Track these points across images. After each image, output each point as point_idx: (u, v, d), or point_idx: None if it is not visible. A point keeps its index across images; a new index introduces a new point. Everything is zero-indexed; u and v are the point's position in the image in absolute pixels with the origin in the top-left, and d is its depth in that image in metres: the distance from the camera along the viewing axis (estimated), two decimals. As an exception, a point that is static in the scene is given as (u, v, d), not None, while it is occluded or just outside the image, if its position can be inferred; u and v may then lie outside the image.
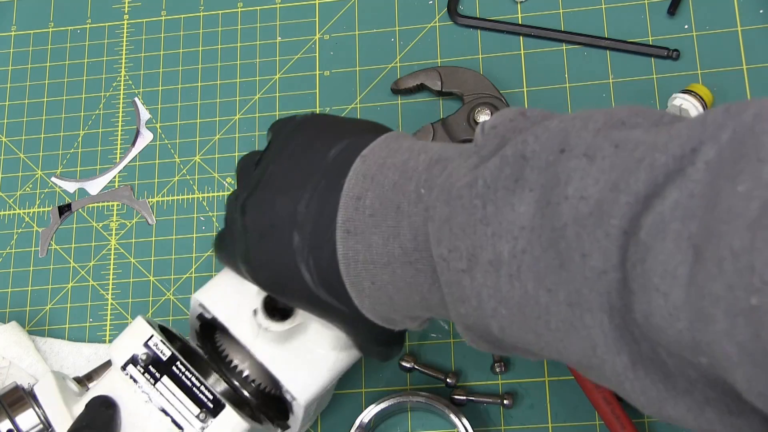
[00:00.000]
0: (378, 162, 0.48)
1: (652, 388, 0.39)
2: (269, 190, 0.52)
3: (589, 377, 0.43)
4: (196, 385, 0.58)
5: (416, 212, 0.45)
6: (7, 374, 0.70)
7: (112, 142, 0.80)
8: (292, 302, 0.54)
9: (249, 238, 0.52)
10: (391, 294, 0.48)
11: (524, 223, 0.40)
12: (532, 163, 0.40)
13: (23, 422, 0.60)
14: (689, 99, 0.70)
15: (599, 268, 0.38)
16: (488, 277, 0.41)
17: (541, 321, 0.41)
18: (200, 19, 0.83)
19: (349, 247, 0.47)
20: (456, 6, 0.79)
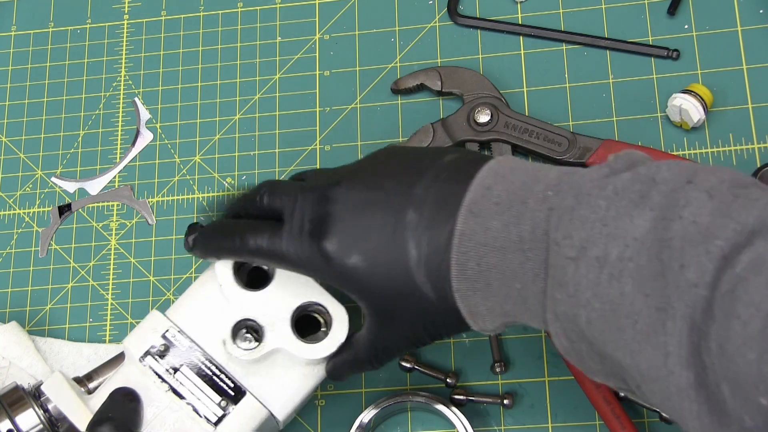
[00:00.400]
0: (510, 165, 0.51)
1: (707, 416, 0.41)
2: (373, 172, 0.54)
3: (648, 393, 0.45)
4: (216, 374, 0.58)
5: (540, 209, 0.48)
6: (7, 374, 0.70)
7: (112, 142, 0.80)
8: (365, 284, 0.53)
9: (339, 210, 0.53)
10: (492, 279, 0.49)
11: (637, 235, 0.44)
12: (660, 187, 0.44)
13: (23, 422, 0.60)
14: (689, 99, 0.70)
15: (692, 280, 0.41)
16: (591, 270, 0.44)
17: (629, 320, 0.43)
18: (200, 19, 0.83)
19: (468, 225, 0.49)
20: (456, 6, 0.79)
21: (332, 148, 0.77)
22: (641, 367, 0.44)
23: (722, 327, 0.40)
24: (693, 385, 0.41)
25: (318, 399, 0.70)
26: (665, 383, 0.43)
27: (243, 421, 0.57)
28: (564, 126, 0.73)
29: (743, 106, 0.72)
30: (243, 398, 0.58)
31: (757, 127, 0.71)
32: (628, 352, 0.44)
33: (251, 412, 0.58)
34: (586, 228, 0.45)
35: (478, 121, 0.73)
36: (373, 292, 0.53)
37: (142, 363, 0.58)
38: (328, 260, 0.53)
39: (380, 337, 0.56)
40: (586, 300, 0.45)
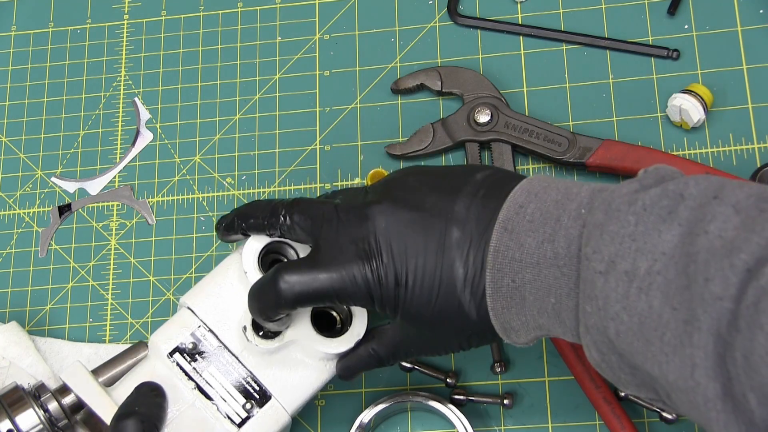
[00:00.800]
0: (542, 184, 0.52)
1: (735, 426, 0.42)
2: (410, 191, 0.55)
3: (677, 402, 0.46)
4: (243, 375, 0.58)
5: (574, 226, 0.49)
6: (6, 374, 0.70)
7: (112, 142, 0.80)
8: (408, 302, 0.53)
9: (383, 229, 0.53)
10: (527, 294, 0.50)
11: (666, 250, 0.45)
12: (688, 203, 0.45)
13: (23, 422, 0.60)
14: (689, 99, 0.70)
15: (717, 293, 0.42)
16: (620, 284, 0.46)
17: (657, 333, 0.44)
18: (200, 19, 0.83)
19: (501, 242, 0.50)
20: (456, 6, 0.79)
21: (332, 148, 0.77)
22: (669, 378, 0.45)
23: (747, 338, 0.40)
24: (720, 396, 0.42)
25: (318, 399, 0.70)
26: (693, 394, 0.43)
27: (266, 424, 0.58)
28: (564, 126, 0.73)
29: (743, 106, 0.72)
30: (268, 402, 0.58)
31: (757, 127, 0.71)
32: (656, 364, 0.45)
33: (275, 416, 0.58)
34: (615, 243, 0.46)
35: (478, 121, 0.73)
36: (418, 310, 0.53)
37: (170, 359, 0.58)
38: (377, 283, 0.53)
39: (407, 343, 0.57)
40: (615, 313, 0.46)
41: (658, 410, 0.65)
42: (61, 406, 0.61)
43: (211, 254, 0.75)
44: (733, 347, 0.41)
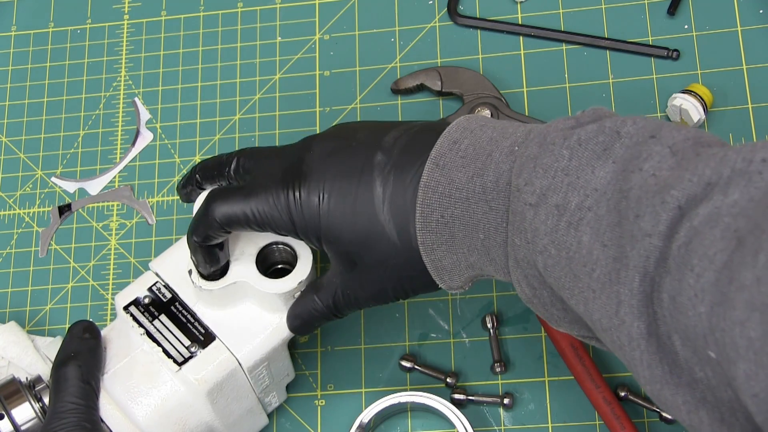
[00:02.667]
0: (479, 123, 0.52)
1: (658, 367, 0.42)
2: (345, 130, 0.56)
3: (604, 341, 0.45)
4: (191, 321, 0.60)
5: (505, 161, 0.49)
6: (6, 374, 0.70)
7: (112, 142, 0.80)
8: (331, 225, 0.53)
9: (312, 156, 0.54)
10: (456, 231, 0.50)
11: (598, 186, 0.44)
12: (624, 141, 0.45)
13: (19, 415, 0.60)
14: (689, 99, 0.70)
15: (646, 230, 0.41)
16: (550, 217, 0.45)
17: (586, 269, 0.44)
18: (200, 19, 0.83)
19: (432, 177, 0.50)
20: (456, 6, 0.79)
21: (332, 148, 0.77)
22: (594, 317, 0.44)
23: (675, 278, 0.40)
24: (644, 335, 0.42)
25: (318, 399, 0.70)
26: (617, 333, 0.43)
27: (209, 364, 0.58)
28: (564, 126, 0.73)
29: (743, 106, 0.72)
30: (212, 343, 0.59)
31: (757, 127, 0.71)
32: (582, 300, 0.45)
33: (218, 356, 0.59)
34: (548, 176, 0.46)
35: (478, 121, 0.73)
36: (338, 232, 0.53)
37: (126, 312, 0.61)
38: (297, 202, 0.54)
39: (342, 284, 0.56)
40: (544, 246, 0.46)
41: (659, 410, 0.65)
42: None
43: (211, 254, 0.75)
44: (661, 287, 0.41)
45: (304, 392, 0.70)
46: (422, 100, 0.77)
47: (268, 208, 0.54)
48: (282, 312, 0.60)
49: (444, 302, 0.71)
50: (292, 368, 0.66)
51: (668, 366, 0.41)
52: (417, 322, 0.71)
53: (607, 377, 0.66)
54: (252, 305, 0.61)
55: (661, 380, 0.42)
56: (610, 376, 0.67)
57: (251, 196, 0.54)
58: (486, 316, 0.69)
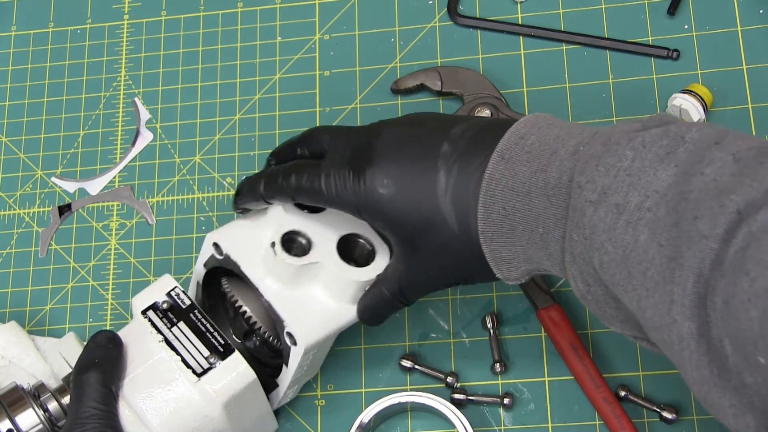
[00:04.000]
0: (548, 121, 0.53)
1: (707, 368, 0.42)
2: (411, 119, 0.57)
3: (654, 340, 0.46)
4: (210, 331, 0.60)
5: (569, 159, 0.49)
6: (6, 374, 0.70)
7: (112, 142, 0.80)
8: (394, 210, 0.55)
9: (382, 142, 0.56)
10: (516, 224, 0.51)
11: (659, 188, 0.45)
12: (688, 145, 0.45)
13: (23, 422, 0.60)
14: (689, 99, 0.70)
15: (704, 232, 0.42)
16: (609, 215, 0.46)
17: (641, 267, 0.44)
18: (200, 19, 0.83)
19: (497, 170, 0.51)
20: (456, 6, 0.79)
21: (332, 148, 0.77)
22: (646, 315, 0.45)
23: (730, 282, 0.40)
24: (694, 336, 0.42)
25: (318, 399, 0.70)
26: (668, 331, 0.43)
27: (227, 376, 0.59)
28: (564, 126, 0.73)
29: (743, 106, 0.72)
30: (231, 355, 0.59)
31: (757, 127, 0.71)
32: (635, 298, 0.45)
33: (236, 368, 0.59)
34: (610, 175, 0.46)
35: (478, 121, 0.73)
36: (400, 218, 0.55)
37: (144, 316, 0.60)
38: (363, 185, 0.55)
39: (406, 270, 0.58)
40: (601, 243, 0.46)
41: (659, 410, 0.65)
42: (60, 406, 0.61)
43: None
44: (716, 290, 0.41)
45: (304, 392, 0.70)
46: (422, 100, 0.77)
47: (335, 188, 0.56)
48: (346, 302, 0.61)
49: (444, 302, 0.71)
50: (320, 365, 0.66)
51: (717, 368, 0.42)
52: (417, 322, 0.71)
53: (607, 377, 0.66)
54: (318, 290, 0.61)
55: (708, 382, 0.42)
56: (610, 376, 0.67)
57: (322, 174, 0.57)
58: (486, 316, 0.69)
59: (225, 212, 0.76)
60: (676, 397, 0.66)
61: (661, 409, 0.65)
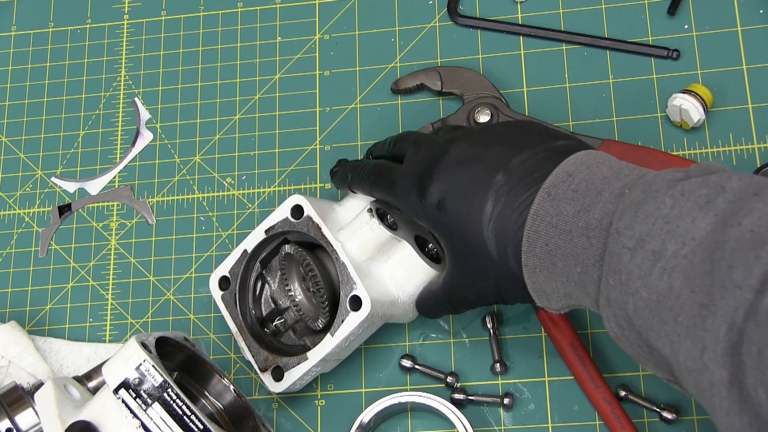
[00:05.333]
0: (597, 159, 0.54)
1: (737, 416, 0.42)
2: (488, 138, 0.59)
3: (684, 384, 0.47)
4: (186, 414, 0.58)
5: (613, 201, 0.50)
6: (6, 373, 0.70)
7: (112, 142, 0.80)
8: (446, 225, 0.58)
9: (447, 161, 0.59)
10: (557, 260, 0.52)
11: (696, 236, 0.45)
12: (727, 196, 0.46)
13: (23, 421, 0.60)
14: (689, 99, 0.70)
15: (738, 281, 0.42)
16: (645, 262, 0.47)
17: (672, 313, 0.45)
18: (200, 19, 0.83)
19: (542, 207, 0.53)
20: (456, 6, 0.79)
21: (332, 148, 0.77)
22: (679, 359, 0.45)
23: (765, 332, 0.41)
24: (725, 383, 0.42)
25: (318, 399, 0.70)
26: (700, 377, 0.44)
27: None
28: (564, 126, 0.73)
29: (743, 106, 0.72)
30: None
31: (757, 127, 0.71)
32: (668, 343, 0.46)
33: None
34: (648, 222, 0.47)
35: (478, 121, 0.73)
36: (450, 233, 0.58)
37: (116, 395, 0.58)
38: (422, 198, 0.59)
39: (453, 279, 0.60)
40: (636, 289, 0.47)
41: (659, 410, 0.65)
42: None
43: (211, 254, 0.75)
44: (750, 339, 0.41)
45: (304, 392, 0.70)
46: (422, 100, 0.77)
47: (403, 196, 0.61)
48: (404, 292, 0.64)
49: (444, 302, 0.71)
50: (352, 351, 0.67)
51: (748, 417, 0.42)
52: (417, 322, 0.71)
53: (607, 377, 0.66)
54: (386, 273, 0.64)
55: (738, 429, 0.43)
56: (610, 376, 0.67)
57: (396, 182, 0.62)
58: (486, 316, 0.69)
59: (225, 212, 0.76)
60: (676, 397, 0.66)
61: (661, 409, 0.65)
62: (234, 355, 0.73)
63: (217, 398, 0.67)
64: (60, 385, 0.60)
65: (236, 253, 0.68)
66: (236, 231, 0.76)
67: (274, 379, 0.65)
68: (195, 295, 0.75)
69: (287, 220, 0.65)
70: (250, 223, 0.76)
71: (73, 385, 0.63)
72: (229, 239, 0.76)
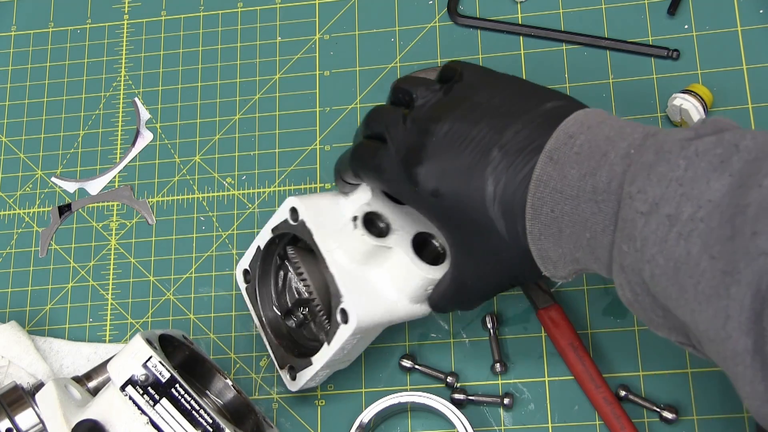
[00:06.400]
0: (597, 119, 0.52)
1: (761, 383, 0.42)
2: (472, 110, 0.56)
3: (706, 352, 0.46)
4: (195, 408, 0.57)
5: (619, 164, 0.48)
6: (6, 373, 0.70)
7: (112, 142, 0.80)
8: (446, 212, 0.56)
9: (434, 143, 0.55)
10: (564, 227, 0.51)
11: (712, 198, 0.44)
12: (742, 155, 0.44)
13: (23, 422, 0.60)
14: (689, 99, 0.70)
15: (764, 248, 0.41)
16: (660, 227, 0.45)
17: (692, 280, 0.44)
18: (200, 19, 0.83)
19: (545, 171, 0.51)
20: (456, 6, 0.79)
21: (332, 148, 0.77)
22: (700, 327, 0.44)
23: None
24: (750, 352, 0.42)
25: (318, 399, 0.70)
26: (722, 345, 0.43)
27: None
28: (564, 126, 0.73)
29: (743, 106, 0.72)
30: None
31: (757, 127, 0.71)
32: (689, 311, 0.45)
33: None
34: (662, 185, 0.46)
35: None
36: (452, 221, 0.56)
37: (123, 392, 0.58)
38: (415, 185, 0.56)
39: (460, 272, 0.58)
40: (652, 255, 0.46)
41: (659, 410, 0.65)
42: None
43: (211, 254, 0.75)
44: None
45: (304, 392, 0.70)
46: (422, 100, 0.77)
47: (393, 190, 0.59)
48: (405, 296, 0.61)
49: (444, 302, 0.71)
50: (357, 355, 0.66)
51: None
52: (417, 322, 0.71)
53: (607, 377, 0.66)
54: (383, 278, 0.62)
55: (762, 397, 0.42)
56: (610, 376, 0.67)
57: (382, 172, 0.58)
58: (486, 316, 0.69)
59: (225, 212, 0.76)
60: (676, 397, 0.66)
61: (661, 409, 0.65)
62: (234, 355, 0.73)
63: (218, 396, 0.67)
64: (61, 385, 0.60)
65: (252, 248, 0.67)
66: (236, 231, 0.76)
67: (290, 378, 0.65)
68: (195, 295, 0.75)
69: (287, 222, 0.64)
70: (250, 223, 0.76)
71: (73, 385, 0.63)
72: (229, 239, 0.76)
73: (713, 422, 0.65)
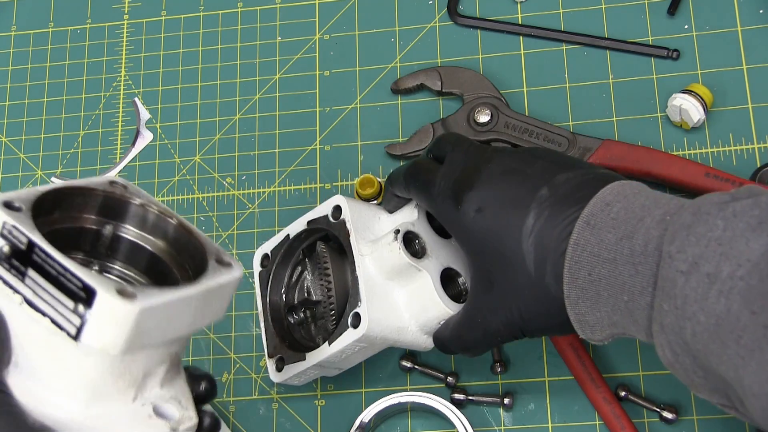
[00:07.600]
0: (634, 189, 0.53)
1: None
2: (532, 153, 0.58)
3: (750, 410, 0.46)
4: (61, 272, 0.44)
5: (656, 228, 0.50)
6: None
7: (112, 142, 0.80)
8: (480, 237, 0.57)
9: (489, 170, 0.58)
10: (601, 290, 0.51)
11: (751, 257, 0.45)
12: None
13: None
14: (689, 99, 0.70)
15: None
16: (701, 285, 0.46)
17: (734, 335, 0.45)
18: (200, 19, 0.83)
19: (582, 236, 0.52)
20: (456, 6, 0.79)
21: (332, 148, 0.77)
22: (744, 383, 0.45)
23: None
24: None
25: (318, 399, 0.70)
26: (767, 400, 0.43)
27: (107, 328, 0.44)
28: (564, 126, 0.73)
29: (743, 106, 0.72)
30: (95, 298, 0.43)
31: (757, 127, 0.71)
32: (732, 367, 0.45)
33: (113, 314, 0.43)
34: (701, 244, 0.46)
35: (478, 121, 0.73)
36: (482, 245, 0.57)
37: None
38: (459, 204, 0.57)
39: (474, 305, 0.59)
40: (693, 313, 0.46)
41: (659, 410, 0.65)
42: None
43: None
44: None
45: (304, 392, 0.70)
46: (422, 100, 0.77)
47: (435, 205, 0.60)
48: (417, 322, 0.62)
49: (444, 302, 0.71)
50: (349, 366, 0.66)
51: None
52: (417, 322, 0.71)
53: (607, 377, 0.66)
54: (402, 299, 0.62)
55: None
56: (610, 376, 0.67)
57: (431, 187, 0.60)
58: (486, 316, 0.69)
59: (225, 212, 0.76)
60: (676, 397, 0.66)
61: (661, 409, 0.65)
62: (234, 355, 0.73)
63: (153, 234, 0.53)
64: None
65: (280, 235, 0.67)
66: (236, 231, 0.76)
67: (276, 368, 0.65)
68: (195, 295, 0.75)
69: (327, 218, 0.64)
70: (250, 223, 0.76)
71: None
72: (229, 239, 0.76)
73: (713, 422, 0.65)
